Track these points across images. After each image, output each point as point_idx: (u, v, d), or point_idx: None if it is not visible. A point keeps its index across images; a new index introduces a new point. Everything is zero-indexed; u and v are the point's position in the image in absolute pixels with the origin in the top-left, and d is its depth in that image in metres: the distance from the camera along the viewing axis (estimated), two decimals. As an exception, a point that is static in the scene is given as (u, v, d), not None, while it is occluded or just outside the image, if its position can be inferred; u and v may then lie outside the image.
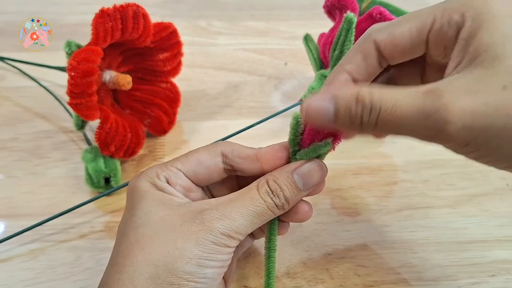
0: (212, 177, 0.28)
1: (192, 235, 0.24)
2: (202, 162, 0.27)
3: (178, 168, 0.27)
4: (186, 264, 0.23)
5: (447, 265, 0.34)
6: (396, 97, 0.21)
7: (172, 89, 0.43)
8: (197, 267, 0.23)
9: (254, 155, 0.27)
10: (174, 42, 0.41)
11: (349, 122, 0.22)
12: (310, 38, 0.44)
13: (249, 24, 0.59)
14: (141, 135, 0.40)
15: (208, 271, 0.24)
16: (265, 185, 0.26)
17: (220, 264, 0.24)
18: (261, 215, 0.25)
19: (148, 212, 0.25)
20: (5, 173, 0.40)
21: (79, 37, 0.38)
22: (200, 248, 0.23)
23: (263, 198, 0.25)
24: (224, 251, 0.24)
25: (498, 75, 0.20)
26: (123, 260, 0.23)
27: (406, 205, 0.38)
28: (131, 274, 0.23)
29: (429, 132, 0.20)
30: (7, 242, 0.34)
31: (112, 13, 0.34)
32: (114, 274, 0.23)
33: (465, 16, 0.22)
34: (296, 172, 0.26)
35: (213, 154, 0.28)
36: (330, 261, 0.34)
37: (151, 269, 0.23)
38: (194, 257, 0.23)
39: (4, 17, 0.58)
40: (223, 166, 0.28)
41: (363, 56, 0.25)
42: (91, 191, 0.38)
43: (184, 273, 0.23)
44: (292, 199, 0.26)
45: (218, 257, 0.24)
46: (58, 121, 0.44)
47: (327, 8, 0.39)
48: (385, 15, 0.34)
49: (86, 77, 0.33)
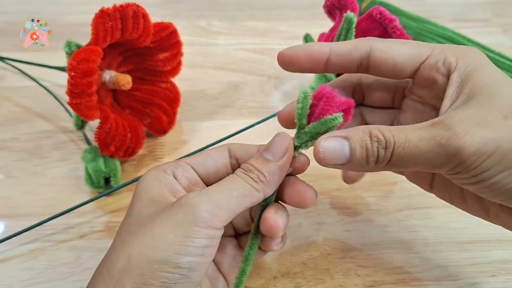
0: (219, 170, 0.28)
1: (170, 219, 0.23)
2: (210, 155, 0.28)
3: (186, 162, 0.28)
4: (161, 252, 0.22)
5: (447, 265, 0.34)
6: (405, 133, 0.23)
7: (172, 89, 0.43)
8: (171, 254, 0.22)
9: (256, 149, 0.28)
10: (174, 42, 0.41)
11: (365, 159, 0.23)
12: (310, 38, 0.44)
13: (249, 24, 0.59)
14: (141, 135, 0.40)
15: (183, 259, 0.22)
16: (239, 168, 0.26)
17: (198, 251, 0.23)
18: (241, 189, 0.25)
19: (140, 212, 0.25)
20: (5, 173, 0.40)
21: (79, 37, 0.38)
22: (175, 232, 0.23)
23: (239, 175, 0.26)
24: (203, 232, 0.23)
25: (497, 107, 0.23)
26: (106, 257, 0.24)
27: (406, 205, 0.38)
28: (109, 268, 0.23)
29: (443, 160, 0.22)
30: (7, 242, 0.34)
31: (112, 13, 0.34)
32: (98, 270, 0.24)
33: (459, 61, 0.25)
34: (262, 149, 0.27)
35: (220, 149, 0.29)
36: (330, 261, 0.34)
37: (125, 261, 0.23)
38: (170, 243, 0.22)
39: (4, 17, 0.58)
40: (229, 160, 0.28)
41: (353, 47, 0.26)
42: (91, 191, 0.38)
43: (157, 262, 0.22)
44: (266, 171, 0.26)
45: (195, 241, 0.23)
46: (58, 121, 0.44)
47: (327, 8, 0.39)
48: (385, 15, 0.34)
49: (86, 77, 0.33)
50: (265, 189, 0.26)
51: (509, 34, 0.59)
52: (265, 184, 0.26)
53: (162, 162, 0.41)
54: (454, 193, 0.28)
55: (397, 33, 0.35)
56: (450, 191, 0.29)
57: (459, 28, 0.54)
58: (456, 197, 0.28)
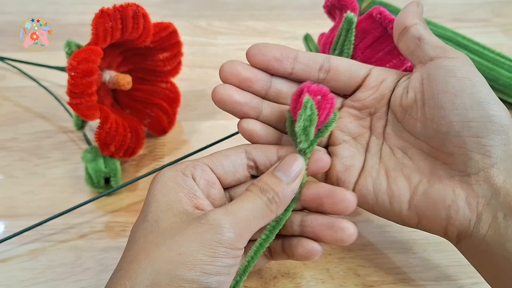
0: (237, 171, 0.28)
1: (197, 237, 0.23)
2: (228, 156, 0.28)
3: (204, 163, 0.28)
4: (189, 271, 0.22)
5: (447, 265, 0.34)
6: None
7: (172, 89, 0.43)
8: (200, 274, 0.23)
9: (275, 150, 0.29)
10: (174, 42, 0.41)
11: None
12: (310, 38, 0.44)
13: (249, 24, 0.59)
14: (141, 135, 0.40)
15: (212, 279, 0.23)
16: (253, 185, 0.26)
17: (226, 271, 0.24)
18: (259, 210, 0.25)
19: (158, 218, 0.25)
20: (5, 173, 0.40)
21: (79, 37, 0.38)
22: (204, 251, 0.23)
23: (257, 194, 0.26)
24: (230, 253, 0.24)
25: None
26: (128, 266, 0.23)
27: (406, 205, 0.38)
28: (133, 280, 0.23)
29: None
30: (7, 242, 0.34)
31: (112, 13, 0.34)
32: (118, 280, 0.23)
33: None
34: (276, 170, 0.27)
35: (237, 150, 0.29)
36: (330, 261, 0.34)
37: (153, 276, 0.22)
38: (198, 263, 0.23)
39: (4, 17, 0.58)
40: (247, 161, 0.29)
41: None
42: (91, 191, 0.38)
43: (186, 281, 0.22)
44: (281, 192, 0.26)
45: (223, 261, 0.23)
46: (58, 121, 0.44)
47: (327, 8, 0.39)
48: (385, 15, 0.34)
49: (86, 77, 0.33)
50: (278, 210, 0.26)
51: (509, 34, 0.59)
52: (278, 206, 0.26)
53: (162, 162, 0.41)
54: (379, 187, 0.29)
55: (397, 33, 0.34)
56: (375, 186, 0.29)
57: (459, 28, 0.54)
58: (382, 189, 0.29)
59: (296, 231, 0.28)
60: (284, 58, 0.29)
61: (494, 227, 0.25)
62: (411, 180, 0.28)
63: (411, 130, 0.28)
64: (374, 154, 0.30)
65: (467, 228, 0.26)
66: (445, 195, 0.26)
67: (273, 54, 0.29)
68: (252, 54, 0.29)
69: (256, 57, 0.29)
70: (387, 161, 0.29)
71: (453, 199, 0.26)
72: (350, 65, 0.30)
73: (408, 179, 0.28)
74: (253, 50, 0.29)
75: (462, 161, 0.26)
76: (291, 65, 0.29)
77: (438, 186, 0.27)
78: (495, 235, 0.25)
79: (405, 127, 0.29)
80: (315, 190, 0.28)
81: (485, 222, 0.25)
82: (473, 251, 0.27)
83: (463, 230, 0.26)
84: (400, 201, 0.28)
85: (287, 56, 0.29)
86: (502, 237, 0.25)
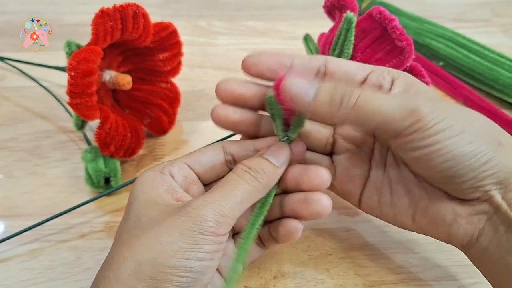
0: (215, 167, 0.29)
1: (176, 228, 0.23)
2: (204, 152, 0.29)
3: (182, 161, 0.28)
4: (170, 258, 0.23)
5: (448, 265, 0.34)
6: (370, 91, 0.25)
7: (172, 89, 0.43)
8: (182, 260, 0.23)
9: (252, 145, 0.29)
10: (174, 42, 0.41)
11: (328, 103, 0.25)
12: (310, 38, 0.44)
13: (249, 24, 0.59)
14: (141, 135, 0.40)
15: (194, 264, 0.23)
16: (240, 165, 0.27)
17: (208, 256, 0.24)
18: (243, 193, 0.25)
19: (139, 214, 0.25)
20: (5, 173, 0.40)
21: (79, 37, 0.38)
22: (184, 240, 0.23)
23: (241, 176, 0.26)
24: (211, 240, 0.24)
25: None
26: (111, 259, 0.24)
27: (406, 205, 0.38)
28: (116, 271, 0.23)
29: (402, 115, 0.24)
30: (7, 242, 0.34)
31: (112, 13, 0.34)
32: (102, 272, 0.24)
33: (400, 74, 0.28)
34: (266, 154, 0.27)
35: (213, 146, 0.29)
36: (330, 261, 0.34)
37: (134, 265, 0.23)
38: (179, 250, 0.23)
39: (4, 17, 0.58)
40: (224, 156, 0.29)
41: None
42: (91, 191, 0.38)
43: (169, 267, 0.23)
44: (269, 171, 0.26)
45: (205, 248, 0.23)
46: (58, 121, 0.44)
47: (327, 8, 0.39)
48: (385, 15, 0.34)
49: (86, 77, 0.33)
50: (264, 191, 0.27)
51: (509, 34, 0.59)
52: (265, 187, 0.26)
53: (162, 162, 0.41)
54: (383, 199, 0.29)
55: (397, 33, 0.34)
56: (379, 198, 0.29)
57: (459, 28, 0.54)
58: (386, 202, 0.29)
59: (278, 213, 0.29)
60: (279, 68, 0.29)
61: (496, 240, 0.26)
62: (413, 195, 0.28)
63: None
64: (379, 162, 0.30)
65: (469, 241, 0.27)
66: (445, 214, 0.27)
67: (268, 65, 0.28)
68: (247, 66, 0.29)
69: (251, 69, 0.29)
70: (391, 170, 0.29)
71: (454, 218, 0.27)
72: (347, 70, 0.28)
73: (409, 193, 0.28)
74: (248, 61, 0.29)
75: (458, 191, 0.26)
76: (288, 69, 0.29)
77: (438, 205, 0.27)
78: (497, 248, 0.26)
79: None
80: (291, 170, 0.28)
81: (487, 236, 0.26)
82: (477, 259, 0.27)
83: (466, 243, 0.27)
84: (403, 214, 0.28)
85: (282, 65, 0.29)
86: (503, 249, 0.25)
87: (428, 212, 0.27)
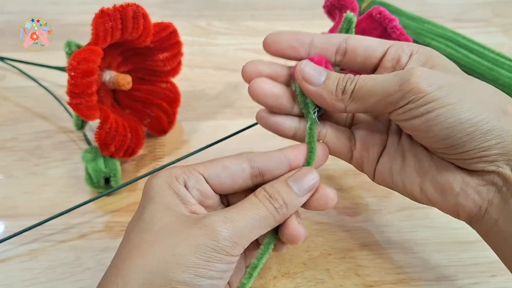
0: (236, 182, 0.27)
1: (192, 241, 0.23)
2: (227, 167, 0.27)
3: (200, 172, 0.27)
4: (182, 272, 0.23)
5: (447, 265, 0.34)
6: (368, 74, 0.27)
7: (172, 89, 0.43)
8: (193, 277, 0.23)
9: (282, 155, 0.28)
10: (174, 42, 0.41)
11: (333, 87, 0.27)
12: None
13: (249, 24, 0.59)
14: (141, 135, 0.40)
15: (204, 282, 0.23)
16: (262, 191, 0.26)
17: (219, 275, 0.24)
18: (262, 219, 0.25)
19: (154, 217, 0.25)
20: (5, 173, 0.40)
21: (79, 37, 0.38)
22: (198, 255, 0.23)
23: (262, 202, 0.26)
24: (224, 259, 0.24)
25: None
26: (121, 263, 0.24)
27: (406, 205, 0.38)
28: (126, 278, 0.23)
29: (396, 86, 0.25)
30: (7, 242, 0.34)
31: (112, 13, 0.34)
32: (110, 277, 0.23)
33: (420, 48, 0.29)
34: (290, 179, 0.27)
35: (239, 160, 0.28)
36: (330, 261, 0.34)
37: (146, 275, 0.23)
38: (192, 266, 0.23)
39: (4, 17, 0.58)
40: (250, 171, 0.28)
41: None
42: (91, 191, 0.38)
43: (179, 283, 0.22)
44: (290, 203, 0.26)
45: (217, 266, 0.23)
46: (58, 121, 0.44)
47: (327, 8, 0.39)
48: (385, 15, 0.34)
49: (86, 77, 0.33)
50: (281, 220, 0.26)
51: (509, 34, 0.59)
52: (283, 216, 0.26)
53: (162, 162, 0.41)
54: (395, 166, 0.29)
55: (397, 33, 0.35)
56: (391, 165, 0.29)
57: (459, 28, 0.54)
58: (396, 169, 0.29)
59: None
60: (299, 45, 0.29)
61: (505, 213, 0.25)
62: (422, 164, 0.28)
63: None
64: (395, 132, 0.30)
65: (478, 213, 0.26)
66: (454, 183, 0.26)
67: (288, 42, 0.29)
68: (268, 43, 0.29)
69: (272, 46, 0.29)
70: (404, 140, 0.29)
71: (462, 187, 0.26)
72: (368, 44, 0.29)
73: (419, 162, 0.28)
74: (269, 39, 0.29)
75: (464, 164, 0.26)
76: (306, 51, 0.29)
77: (447, 173, 0.27)
78: (506, 221, 0.25)
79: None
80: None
81: (496, 209, 0.25)
82: (486, 232, 0.27)
83: (474, 215, 0.26)
84: (412, 183, 0.28)
85: (303, 42, 0.29)
86: None
87: (436, 180, 0.27)
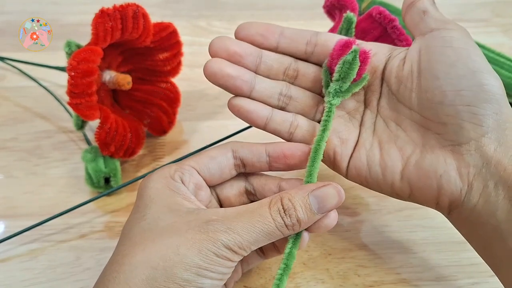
0: (223, 172, 0.28)
1: (195, 243, 0.23)
2: (214, 157, 0.28)
3: (191, 166, 0.28)
4: (185, 271, 0.23)
5: (447, 265, 0.34)
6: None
7: (172, 89, 0.43)
8: (195, 276, 0.23)
9: (263, 148, 0.29)
10: (174, 42, 0.41)
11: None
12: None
13: (249, 24, 0.59)
14: (141, 135, 0.40)
15: (206, 281, 0.23)
16: (278, 202, 0.25)
17: (219, 277, 0.24)
18: (268, 234, 0.25)
19: (157, 218, 0.25)
20: (5, 173, 0.40)
21: (79, 37, 0.38)
22: (201, 257, 0.23)
23: (273, 216, 0.25)
24: (225, 264, 0.24)
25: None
26: (122, 259, 0.24)
27: (406, 205, 0.38)
28: (127, 274, 0.23)
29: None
30: (7, 242, 0.34)
31: (112, 13, 0.34)
32: (111, 273, 0.23)
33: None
34: (313, 194, 0.26)
35: (223, 150, 0.29)
36: (330, 261, 0.34)
37: (148, 271, 0.23)
38: (194, 266, 0.23)
39: (4, 17, 0.58)
40: (233, 161, 0.28)
41: None
42: (91, 191, 0.38)
43: (182, 280, 0.23)
44: (305, 221, 0.25)
45: (218, 269, 0.24)
46: (58, 121, 0.44)
47: (327, 8, 0.39)
48: (385, 15, 0.34)
49: (86, 77, 0.33)
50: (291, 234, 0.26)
51: (509, 34, 0.59)
52: (294, 232, 0.26)
53: (162, 162, 0.41)
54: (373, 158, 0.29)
55: (397, 33, 0.35)
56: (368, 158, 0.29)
57: (459, 28, 0.54)
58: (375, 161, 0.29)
59: None
60: (269, 34, 0.30)
61: (484, 196, 0.25)
62: (404, 151, 0.28)
63: (405, 101, 0.29)
64: (368, 128, 0.30)
65: (458, 197, 0.26)
66: (437, 165, 0.27)
67: (257, 30, 0.30)
68: (238, 31, 0.30)
69: (242, 33, 0.30)
70: (381, 133, 0.29)
71: (445, 169, 0.26)
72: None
73: (401, 150, 0.28)
74: (239, 27, 0.30)
75: (454, 131, 0.26)
76: (276, 39, 0.30)
77: (430, 156, 0.27)
78: (485, 204, 0.25)
79: (399, 98, 0.29)
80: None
81: (476, 191, 0.26)
82: (464, 221, 0.27)
83: (454, 200, 0.27)
84: (393, 172, 0.28)
85: (273, 31, 0.30)
86: (492, 206, 0.25)
87: (419, 165, 0.27)
